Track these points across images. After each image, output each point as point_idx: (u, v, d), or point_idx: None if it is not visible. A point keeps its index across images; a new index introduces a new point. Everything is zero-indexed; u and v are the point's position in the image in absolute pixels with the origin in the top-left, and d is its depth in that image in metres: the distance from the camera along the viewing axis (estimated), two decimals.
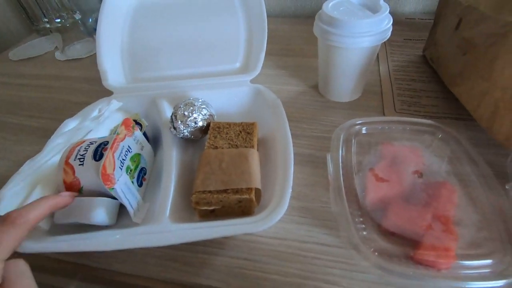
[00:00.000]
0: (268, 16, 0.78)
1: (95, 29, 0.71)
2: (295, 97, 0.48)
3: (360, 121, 0.35)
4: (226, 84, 0.45)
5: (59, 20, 0.60)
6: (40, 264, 0.36)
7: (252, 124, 0.38)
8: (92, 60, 0.63)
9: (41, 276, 0.39)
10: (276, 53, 0.58)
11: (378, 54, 0.55)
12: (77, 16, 0.63)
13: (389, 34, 0.39)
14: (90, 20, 0.72)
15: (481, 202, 0.28)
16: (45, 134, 0.44)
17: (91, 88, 0.55)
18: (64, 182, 0.31)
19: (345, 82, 0.43)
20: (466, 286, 0.24)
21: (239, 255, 0.30)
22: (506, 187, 0.28)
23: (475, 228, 0.27)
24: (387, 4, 0.38)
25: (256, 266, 0.29)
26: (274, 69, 0.54)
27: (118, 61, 0.50)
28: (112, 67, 0.48)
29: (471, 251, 0.25)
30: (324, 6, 0.40)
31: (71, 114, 0.43)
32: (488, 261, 0.24)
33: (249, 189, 0.31)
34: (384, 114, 0.43)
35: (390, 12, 0.38)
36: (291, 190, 0.30)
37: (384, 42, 0.36)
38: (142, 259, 0.31)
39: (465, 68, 0.38)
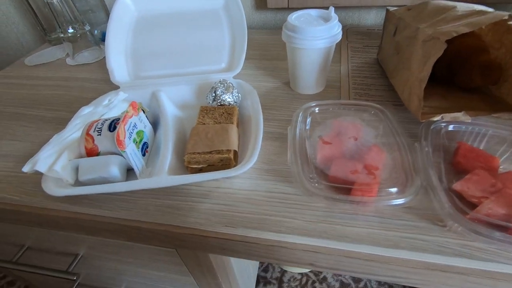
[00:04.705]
0: (251, 28, 0.90)
1: (101, 39, 0.82)
2: (270, 91, 0.58)
3: (314, 103, 0.45)
4: (213, 80, 0.55)
5: (72, 30, 0.70)
6: (61, 222, 0.44)
7: (233, 108, 0.48)
8: (98, 65, 0.73)
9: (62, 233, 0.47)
10: (256, 57, 0.69)
11: (340, 57, 0.67)
12: (87, 27, 0.73)
13: (339, 37, 0.50)
14: (96, 31, 0.83)
15: (397, 156, 0.38)
16: (61, 122, 0.53)
17: (98, 86, 0.65)
18: (86, 148, 0.41)
19: (308, 77, 0.54)
20: (382, 204, 0.34)
21: (220, 202, 0.39)
22: (415, 145, 0.39)
23: (390, 172, 0.37)
24: (336, 15, 0.50)
25: (232, 208, 0.39)
26: (255, 70, 0.65)
27: (123, 62, 0.60)
28: (118, 67, 0.58)
29: (386, 185, 0.35)
30: (289, 17, 0.51)
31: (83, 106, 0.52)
32: (395, 189, 0.34)
33: (228, 150, 0.40)
34: None
35: (353, 24, 0.49)
36: (259, 149, 0.40)
37: (347, 47, 0.45)
38: (144, 207, 0.40)
39: (398, 63, 0.49)
